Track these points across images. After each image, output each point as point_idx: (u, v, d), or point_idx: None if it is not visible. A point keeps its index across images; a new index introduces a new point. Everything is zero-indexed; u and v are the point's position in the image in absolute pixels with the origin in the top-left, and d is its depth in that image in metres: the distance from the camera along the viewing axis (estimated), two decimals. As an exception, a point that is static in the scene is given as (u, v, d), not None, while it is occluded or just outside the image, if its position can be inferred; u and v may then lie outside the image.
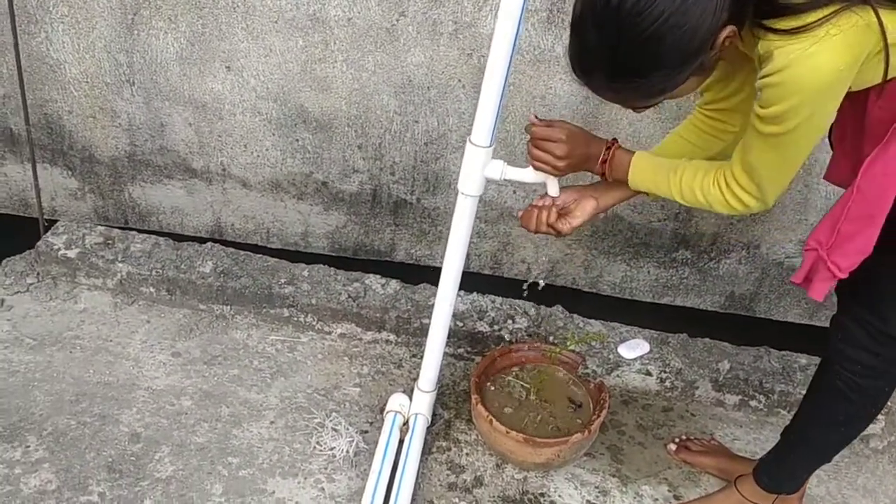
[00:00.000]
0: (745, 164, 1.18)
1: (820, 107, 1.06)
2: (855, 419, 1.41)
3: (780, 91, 1.04)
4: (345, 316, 1.94)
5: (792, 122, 1.06)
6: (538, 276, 2.18)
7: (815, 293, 1.23)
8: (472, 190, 1.42)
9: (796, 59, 1.00)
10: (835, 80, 1.02)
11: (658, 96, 1.11)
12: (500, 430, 1.60)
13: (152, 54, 1.91)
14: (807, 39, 0.99)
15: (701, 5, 0.99)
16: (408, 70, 1.87)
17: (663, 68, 1.04)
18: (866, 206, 1.15)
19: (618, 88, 1.11)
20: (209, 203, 2.15)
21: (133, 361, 1.81)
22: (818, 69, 1.00)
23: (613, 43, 1.03)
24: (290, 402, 1.77)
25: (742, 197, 1.21)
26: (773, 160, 1.15)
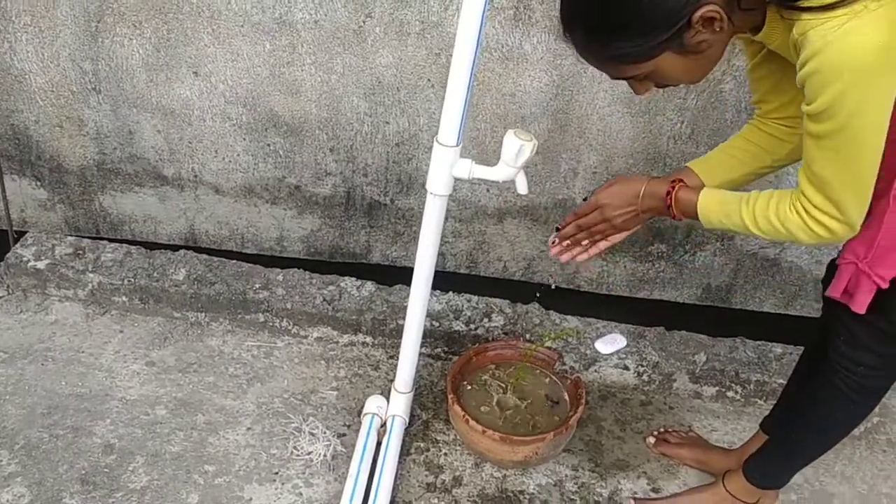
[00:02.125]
0: (813, 178, 1.07)
1: (870, 94, 0.95)
2: (855, 417, 1.41)
3: (821, 79, 0.95)
4: (320, 319, 1.93)
5: (841, 115, 0.97)
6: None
7: (859, 306, 1.21)
8: (441, 189, 1.41)
9: (833, 39, 0.92)
10: (881, 60, 0.92)
11: (630, 65, 1.06)
12: (477, 430, 1.60)
13: (118, 61, 1.89)
14: (843, 16, 0.91)
15: None
16: (376, 71, 1.87)
17: (630, 32, 1.01)
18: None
19: (590, 46, 1.07)
20: (182, 210, 2.13)
21: (106, 372, 1.79)
22: (858, 47, 0.91)
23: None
24: (267, 407, 1.75)
25: (823, 220, 1.09)
26: (838, 168, 1.04)
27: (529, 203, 2.05)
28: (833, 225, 1.09)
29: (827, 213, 1.08)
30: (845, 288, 1.22)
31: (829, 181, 1.05)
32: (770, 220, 1.14)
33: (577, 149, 1.94)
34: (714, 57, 1.07)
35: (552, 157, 1.97)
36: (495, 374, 1.80)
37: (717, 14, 0.98)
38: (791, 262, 2.07)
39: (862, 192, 1.06)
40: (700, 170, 1.37)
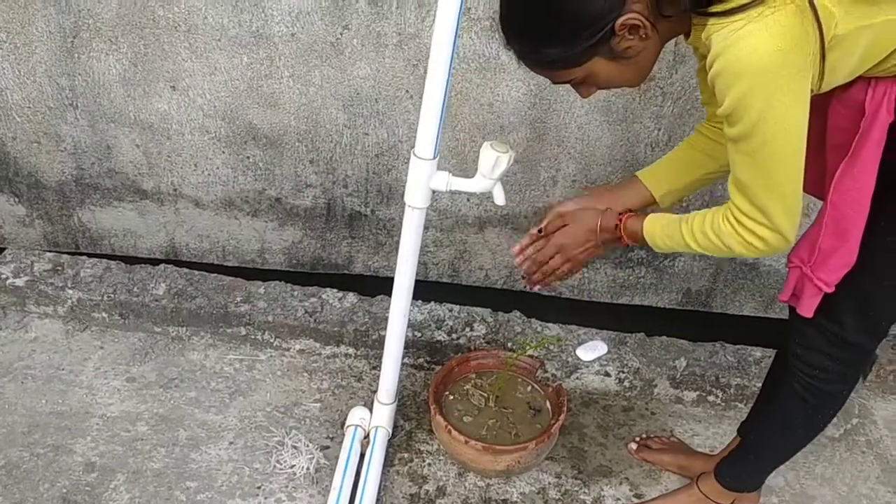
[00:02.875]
0: (737, 184, 1.10)
1: (773, 97, 0.98)
2: (814, 421, 1.43)
3: (724, 80, 0.99)
4: (303, 331, 1.93)
5: (748, 118, 1.00)
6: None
7: (805, 310, 1.23)
8: (420, 202, 1.42)
9: (731, 42, 0.97)
10: (777, 62, 0.96)
11: (564, 70, 1.10)
12: (460, 440, 1.61)
13: (95, 77, 1.89)
14: (740, 20, 0.96)
15: None
16: (355, 83, 1.87)
17: (557, 39, 1.05)
18: (841, 221, 1.15)
19: (524, 54, 1.12)
20: (162, 224, 2.13)
21: (86, 389, 1.78)
22: (755, 50, 0.96)
23: (519, 3, 1.07)
24: (250, 421, 1.75)
25: (753, 228, 1.11)
26: (756, 173, 1.07)
27: (510, 212, 2.06)
28: (763, 233, 1.11)
29: (755, 219, 1.10)
30: (793, 292, 1.25)
31: (749, 186, 1.08)
32: (707, 234, 1.17)
33: (555, 157, 1.96)
34: (647, 61, 1.10)
35: (531, 166, 1.98)
36: (477, 383, 1.81)
37: (640, 22, 1.01)
38: (769, 266, 2.09)
39: (785, 199, 1.08)
40: (647, 179, 1.42)
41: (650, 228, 1.28)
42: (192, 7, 1.77)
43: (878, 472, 1.80)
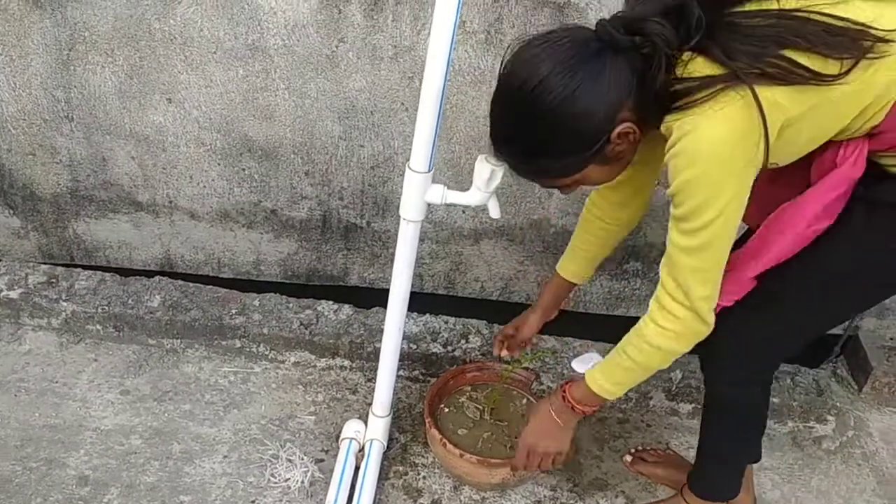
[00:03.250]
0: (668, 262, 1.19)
1: (719, 185, 1.08)
2: (743, 427, 1.47)
3: (679, 162, 1.09)
4: (298, 344, 1.92)
5: (695, 200, 1.09)
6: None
7: None
8: (414, 215, 1.42)
9: (689, 130, 1.06)
10: (727, 152, 1.06)
11: (560, 178, 1.19)
12: (455, 453, 1.60)
13: (90, 89, 1.89)
14: (697, 114, 1.05)
15: (589, 100, 1.07)
16: (350, 95, 1.88)
17: (555, 152, 1.13)
18: (762, 241, 1.24)
19: (521, 166, 1.21)
20: (157, 236, 2.13)
21: (80, 402, 1.78)
22: (707, 139, 1.05)
23: (512, 121, 1.15)
24: (244, 434, 1.74)
25: (672, 309, 1.20)
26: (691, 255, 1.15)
27: (505, 224, 2.06)
28: (682, 313, 1.19)
29: (675, 298, 1.19)
30: None
31: (679, 265, 1.17)
32: (640, 348, 1.27)
33: (550, 169, 1.96)
34: (629, 159, 1.20)
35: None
36: (472, 396, 1.81)
37: (632, 129, 1.11)
38: (764, 278, 2.09)
39: (708, 284, 1.18)
40: (568, 274, 1.59)
41: (593, 382, 1.35)
42: (188, 20, 1.77)
43: (873, 485, 1.79)
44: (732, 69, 1.03)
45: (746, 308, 1.30)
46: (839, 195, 1.18)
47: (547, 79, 1.07)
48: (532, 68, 1.08)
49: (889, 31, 1.04)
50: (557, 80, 1.06)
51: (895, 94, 1.09)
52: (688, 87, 1.05)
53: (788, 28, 1.04)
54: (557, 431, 1.44)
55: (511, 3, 1.73)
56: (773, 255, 1.24)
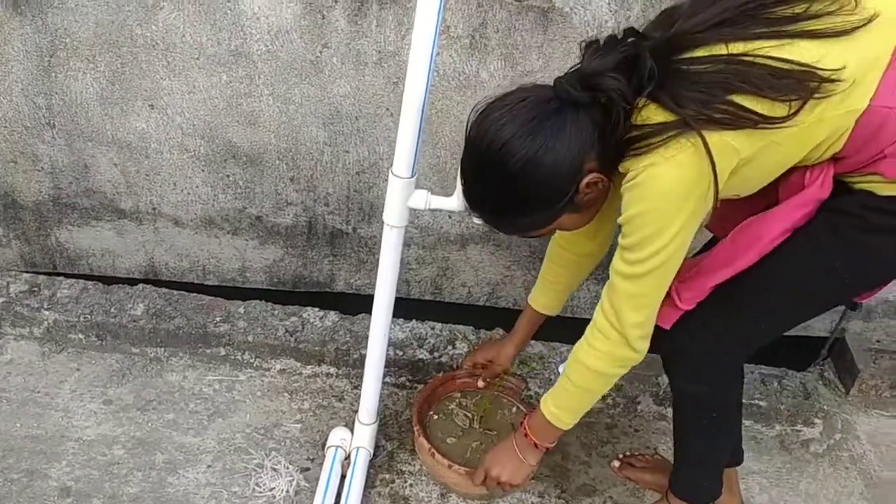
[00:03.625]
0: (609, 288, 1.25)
1: (666, 223, 1.13)
2: (712, 426, 1.47)
3: (632, 195, 1.14)
4: (283, 351, 1.91)
5: (642, 233, 1.14)
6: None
7: (662, 319, 1.33)
8: (398, 221, 1.41)
9: (643, 170, 1.11)
10: (677, 193, 1.11)
11: (534, 230, 1.25)
12: (443, 463, 1.59)
13: (72, 96, 1.87)
14: (652, 157, 1.10)
15: (553, 157, 1.11)
16: (335, 101, 1.87)
17: (526, 210, 1.19)
18: (729, 255, 1.27)
19: (497, 223, 1.27)
20: (141, 243, 2.11)
21: (62, 412, 1.76)
22: (658, 181, 1.11)
23: (482, 183, 1.20)
24: (229, 443, 1.73)
25: (603, 328, 1.25)
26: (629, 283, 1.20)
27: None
28: (611, 334, 1.25)
29: (608, 319, 1.25)
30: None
31: (617, 289, 1.23)
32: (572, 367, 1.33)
33: (536, 174, 1.95)
34: (602, 202, 1.25)
35: (512, 183, 1.97)
36: (462, 403, 1.79)
37: (598, 178, 1.16)
38: (751, 282, 2.09)
39: (642, 311, 1.23)
40: (539, 307, 1.65)
41: (545, 408, 1.40)
42: (170, 26, 1.76)
43: (861, 488, 1.79)
44: (682, 116, 1.07)
45: (708, 310, 1.32)
46: (805, 213, 1.21)
47: (510, 142, 1.12)
48: (496, 132, 1.13)
49: (835, 70, 1.06)
50: (521, 143, 1.12)
51: (847, 126, 1.11)
52: (643, 133, 1.10)
53: (735, 73, 1.07)
54: (516, 465, 1.48)
55: (495, 8, 1.73)
56: (737, 268, 1.27)
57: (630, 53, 1.11)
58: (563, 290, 1.63)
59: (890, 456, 1.88)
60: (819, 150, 1.15)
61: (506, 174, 1.14)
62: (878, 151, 1.13)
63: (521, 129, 1.12)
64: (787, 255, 1.24)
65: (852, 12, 1.08)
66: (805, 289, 1.28)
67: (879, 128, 1.10)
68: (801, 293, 1.29)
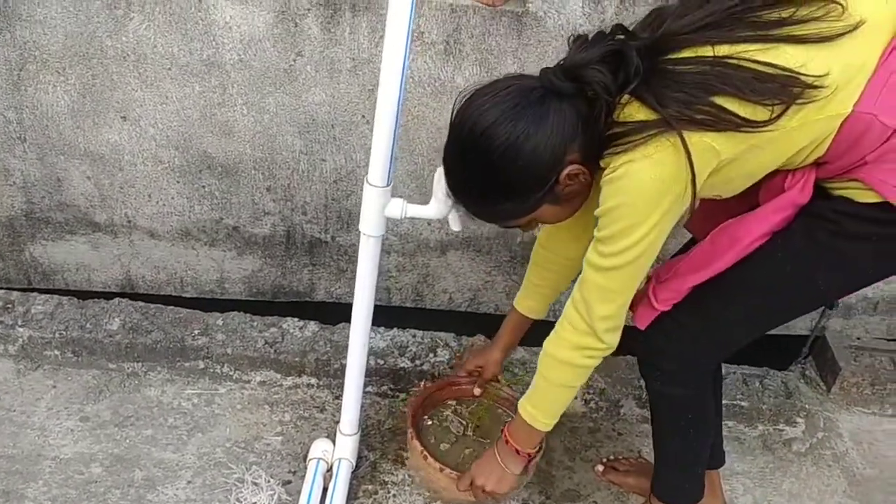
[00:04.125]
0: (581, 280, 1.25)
1: (641, 219, 1.13)
2: (689, 427, 1.47)
3: (609, 189, 1.14)
4: (263, 363, 1.89)
5: (617, 226, 1.14)
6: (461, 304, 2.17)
7: (638, 319, 1.35)
8: (374, 230, 1.40)
9: (622, 166, 1.12)
10: (654, 190, 1.11)
11: (514, 219, 1.24)
12: (434, 466, 1.57)
13: (43, 109, 1.84)
14: (631, 153, 1.11)
15: (535, 144, 1.11)
16: (310, 109, 1.85)
17: (506, 196, 1.18)
18: (707, 256, 1.27)
19: (476, 209, 1.25)
20: (116, 256, 2.08)
21: (38, 430, 1.72)
22: (637, 178, 1.11)
23: (464, 168, 1.20)
24: (209, 458, 1.70)
25: (571, 318, 1.27)
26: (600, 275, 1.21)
27: (471, 234, 2.05)
28: (579, 324, 1.26)
29: (578, 310, 1.26)
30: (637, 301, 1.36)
31: (588, 281, 1.24)
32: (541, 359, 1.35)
33: (515, 179, 1.95)
34: (584, 197, 1.24)
35: (491, 188, 1.96)
36: (457, 410, 1.77)
37: (580, 169, 1.16)
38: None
39: (611, 304, 1.23)
40: (524, 310, 1.64)
41: (523, 409, 1.41)
42: (141, 37, 1.74)
43: (844, 486, 1.80)
44: (664, 116, 1.08)
45: (684, 312, 1.32)
46: (784, 217, 1.22)
47: (493, 126, 1.12)
48: (479, 117, 1.14)
49: (818, 77, 1.06)
50: (503, 128, 1.12)
51: (830, 131, 1.12)
52: (624, 130, 1.11)
53: (718, 76, 1.08)
54: (500, 474, 1.48)
55: (469, 14, 1.72)
56: (717, 268, 1.27)
57: (616, 49, 1.12)
58: (548, 294, 1.62)
59: (872, 453, 1.89)
60: (801, 155, 1.15)
61: (487, 159, 1.14)
62: (859, 158, 1.13)
63: (503, 115, 1.12)
64: (764, 259, 1.24)
65: (839, 18, 1.08)
66: (781, 294, 1.28)
67: (862, 134, 1.10)
68: (776, 298, 1.29)
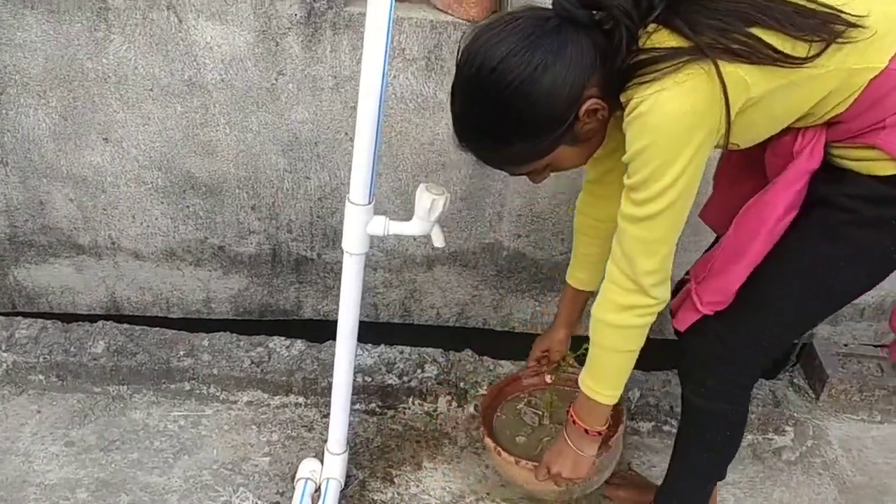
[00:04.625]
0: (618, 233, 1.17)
1: (675, 155, 1.05)
2: (722, 443, 1.44)
3: (636, 128, 1.06)
4: (249, 383, 1.88)
5: (649, 169, 1.06)
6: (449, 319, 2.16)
7: (679, 322, 1.30)
8: (357, 248, 1.40)
9: (648, 100, 1.04)
10: (686, 123, 1.03)
11: (529, 163, 1.14)
12: (509, 460, 1.51)
13: (24, 132, 1.84)
14: (660, 83, 1.03)
15: (553, 77, 1.03)
16: (293, 127, 1.85)
17: (521, 135, 1.09)
18: (738, 244, 1.21)
19: (487, 153, 1.15)
20: (101, 279, 2.07)
21: (23, 456, 1.71)
22: (666, 110, 1.03)
23: (474, 108, 1.10)
24: (196, 481, 1.69)
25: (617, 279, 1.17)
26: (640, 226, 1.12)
27: (458, 249, 2.05)
28: (626, 283, 1.16)
29: (621, 269, 1.16)
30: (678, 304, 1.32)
31: (627, 234, 1.14)
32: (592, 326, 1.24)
33: (499, 193, 1.95)
34: (599, 140, 1.16)
35: (476, 203, 1.97)
36: (530, 402, 1.71)
37: (599, 104, 1.08)
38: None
39: (655, 257, 1.14)
40: (577, 283, 1.55)
41: (583, 384, 1.31)
42: (122, 58, 1.74)
43: (835, 494, 1.80)
44: (697, 43, 1.01)
45: (726, 317, 1.26)
46: (800, 188, 1.17)
47: (506, 59, 1.03)
48: (490, 50, 1.04)
49: (859, 17, 1.02)
50: (517, 60, 1.03)
51: (860, 85, 1.07)
52: (652, 56, 1.03)
53: (755, 5, 1.02)
54: (574, 458, 1.38)
55: (449, 29, 1.73)
56: (752, 257, 1.21)
57: None
58: (597, 262, 1.50)
59: (862, 460, 1.89)
60: (825, 106, 1.10)
61: (500, 96, 1.05)
62: (877, 120, 1.09)
63: (517, 46, 1.03)
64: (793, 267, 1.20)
65: None
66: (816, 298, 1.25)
67: (886, 94, 1.07)
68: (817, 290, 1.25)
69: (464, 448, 1.81)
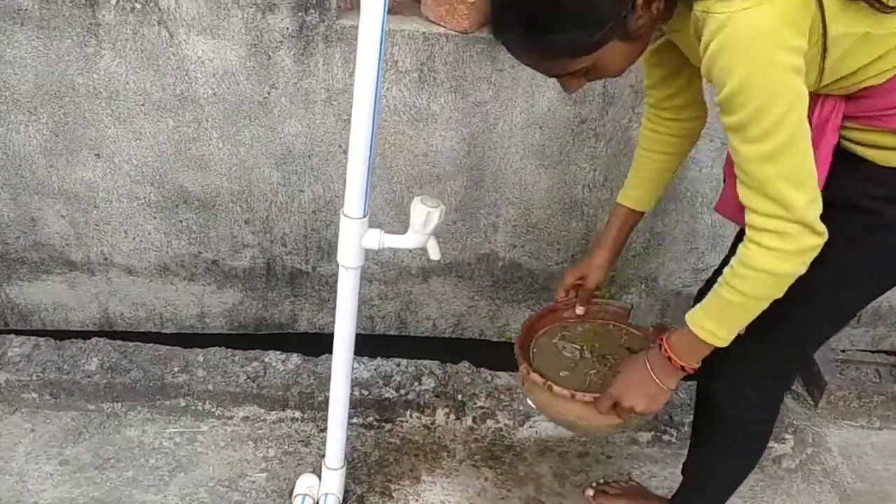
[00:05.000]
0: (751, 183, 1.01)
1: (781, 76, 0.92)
2: (746, 452, 1.42)
3: (726, 58, 0.93)
4: (245, 398, 1.86)
5: (756, 100, 0.93)
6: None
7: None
8: (352, 262, 1.39)
9: (731, 18, 0.90)
10: (777, 41, 0.91)
11: (574, 60, 1.01)
12: (563, 395, 1.33)
13: (14, 148, 1.82)
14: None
15: None
16: (286, 140, 1.84)
17: (573, 21, 0.95)
18: None
19: (527, 45, 1.01)
20: (94, 295, 2.05)
21: (17, 476, 1.69)
22: (755, 25, 0.90)
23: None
24: (192, 498, 1.67)
25: (777, 228, 1.01)
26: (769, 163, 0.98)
27: (453, 260, 2.04)
28: (789, 228, 1.00)
29: (775, 215, 1.00)
30: None
31: (760, 178, 0.99)
32: (742, 274, 1.06)
33: (494, 203, 1.95)
34: (646, 42, 1.05)
35: (471, 213, 1.96)
36: (565, 335, 1.55)
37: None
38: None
39: (804, 186, 0.99)
40: (631, 202, 1.40)
41: (697, 325, 1.15)
42: (112, 73, 1.73)
43: (836, 502, 1.79)
44: None
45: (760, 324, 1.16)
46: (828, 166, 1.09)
47: None
48: None
49: None
50: None
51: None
52: None
53: None
54: (650, 389, 1.23)
55: (442, 41, 1.73)
56: None
57: None
58: (655, 182, 1.39)
59: (862, 467, 1.88)
60: (867, 72, 1.02)
61: None
62: None
63: None
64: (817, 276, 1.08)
65: None
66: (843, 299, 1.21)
67: None
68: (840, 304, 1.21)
69: (462, 461, 1.80)
